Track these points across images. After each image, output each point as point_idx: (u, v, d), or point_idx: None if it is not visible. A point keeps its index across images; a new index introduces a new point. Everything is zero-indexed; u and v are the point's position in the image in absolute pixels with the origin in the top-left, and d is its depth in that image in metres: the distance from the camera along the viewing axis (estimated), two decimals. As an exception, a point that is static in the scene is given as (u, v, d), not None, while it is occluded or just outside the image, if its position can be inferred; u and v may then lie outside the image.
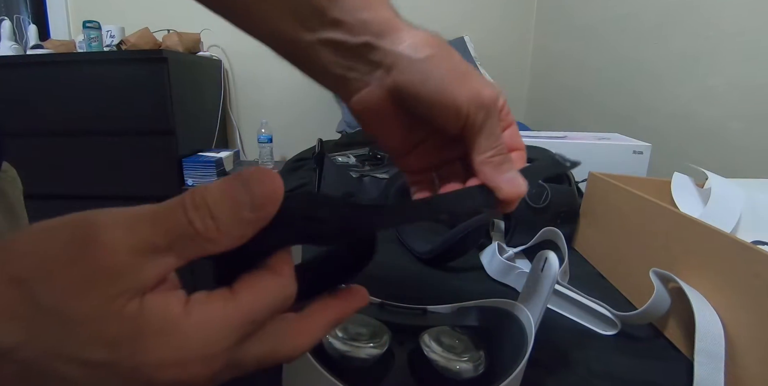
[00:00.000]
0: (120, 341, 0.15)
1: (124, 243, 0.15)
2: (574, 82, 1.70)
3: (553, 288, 0.31)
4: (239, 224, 0.17)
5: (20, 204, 0.50)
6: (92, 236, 0.15)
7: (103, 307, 0.15)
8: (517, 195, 0.26)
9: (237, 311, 0.17)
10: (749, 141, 0.92)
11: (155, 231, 0.16)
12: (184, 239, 0.16)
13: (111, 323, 0.15)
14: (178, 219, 0.16)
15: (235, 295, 0.17)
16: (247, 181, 0.17)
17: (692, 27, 1.08)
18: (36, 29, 1.87)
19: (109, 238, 0.15)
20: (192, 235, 0.16)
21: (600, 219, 0.57)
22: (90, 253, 0.15)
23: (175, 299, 0.16)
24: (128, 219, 0.16)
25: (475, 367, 0.30)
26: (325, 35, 0.26)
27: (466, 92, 0.25)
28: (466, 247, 0.55)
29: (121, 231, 0.15)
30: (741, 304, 0.34)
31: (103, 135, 1.70)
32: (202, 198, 0.16)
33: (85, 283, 0.15)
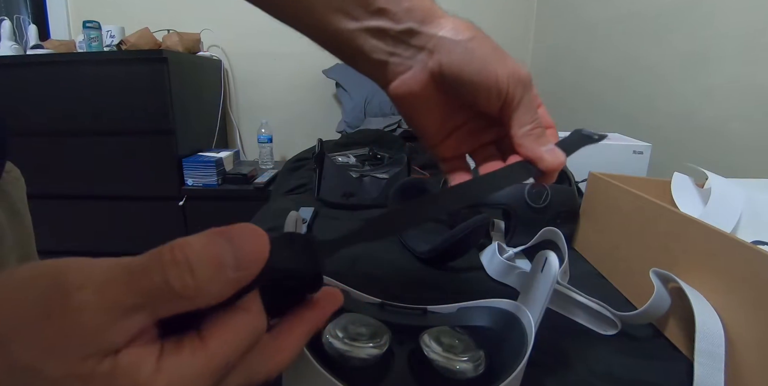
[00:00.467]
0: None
1: (94, 304, 0.15)
2: (574, 81, 1.70)
3: (553, 288, 0.31)
4: (220, 283, 0.16)
5: (24, 205, 0.50)
6: (63, 296, 0.15)
7: (76, 368, 0.15)
8: (559, 165, 0.28)
9: (208, 360, 0.16)
10: (749, 141, 0.92)
11: (128, 290, 0.15)
12: (159, 298, 0.16)
13: (84, 383, 0.15)
14: (153, 278, 0.15)
15: (204, 343, 0.17)
16: (233, 238, 0.16)
17: (693, 26, 1.08)
18: (36, 29, 1.87)
19: (80, 299, 0.15)
20: (168, 294, 0.15)
21: (600, 219, 0.57)
22: (60, 314, 0.15)
23: (147, 356, 0.16)
24: (101, 278, 0.15)
25: (475, 367, 0.30)
26: (370, 23, 0.27)
27: (506, 69, 0.27)
28: (466, 247, 0.55)
29: (92, 291, 0.15)
30: (741, 304, 0.34)
31: (103, 135, 1.70)
32: (183, 254, 0.16)
33: (56, 343, 0.15)
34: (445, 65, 0.27)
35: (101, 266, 0.16)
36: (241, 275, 0.16)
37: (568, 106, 1.75)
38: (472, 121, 0.31)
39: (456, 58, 0.27)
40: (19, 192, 0.50)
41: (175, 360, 0.16)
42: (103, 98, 1.65)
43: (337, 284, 0.36)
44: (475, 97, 0.28)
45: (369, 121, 1.75)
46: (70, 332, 0.15)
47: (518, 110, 0.28)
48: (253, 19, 2.14)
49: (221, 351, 0.17)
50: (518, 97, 0.27)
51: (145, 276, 0.15)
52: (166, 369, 0.16)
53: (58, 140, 1.71)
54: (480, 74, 0.27)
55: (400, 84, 0.29)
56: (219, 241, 0.16)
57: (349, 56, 0.30)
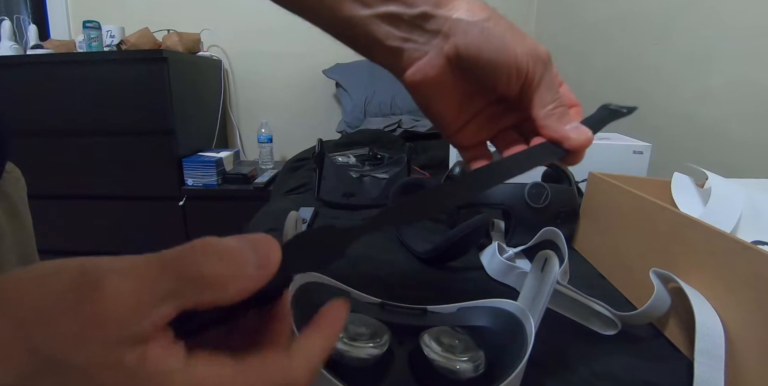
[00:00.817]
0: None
1: (126, 289, 0.15)
2: (574, 81, 1.70)
3: (553, 288, 0.31)
4: (244, 279, 0.17)
5: (24, 205, 0.50)
6: (93, 283, 0.15)
7: (104, 356, 0.15)
8: (586, 142, 0.27)
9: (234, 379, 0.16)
10: (749, 141, 0.92)
11: (162, 275, 0.16)
12: (190, 284, 0.16)
13: (109, 373, 0.15)
14: (188, 262, 0.16)
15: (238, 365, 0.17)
16: (253, 242, 0.18)
17: (693, 26, 1.08)
18: (36, 29, 1.87)
19: (111, 285, 0.15)
20: (199, 282, 0.16)
21: (600, 219, 0.57)
22: (90, 300, 0.15)
23: (176, 353, 0.16)
24: (132, 265, 0.16)
25: (475, 367, 0.30)
26: (382, 9, 0.27)
27: (525, 48, 0.26)
28: (466, 247, 0.55)
29: (123, 277, 0.15)
30: (741, 304, 0.34)
31: (103, 135, 1.70)
32: (213, 246, 0.17)
33: (84, 331, 0.15)
34: (461, 47, 0.26)
35: (134, 257, 0.16)
36: (261, 273, 0.17)
37: (568, 106, 1.75)
38: (492, 106, 0.30)
39: (473, 39, 0.26)
40: (19, 192, 0.50)
41: (204, 364, 0.16)
42: (103, 98, 1.65)
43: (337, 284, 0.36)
44: (495, 78, 0.27)
45: (369, 121, 1.75)
46: (99, 319, 0.15)
47: (539, 89, 0.27)
48: (253, 19, 2.15)
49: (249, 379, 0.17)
50: (539, 76, 0.27)
51: (180, 263, 0.16)
52: (195, 368, 0.16)
53: (58, 140, 1.71)
54: (499, 54, 0.26)
55: (416, 71, 0.28)
56: (243, 242, 0.17)
57: (363, 45, 0.29)
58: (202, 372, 0.16)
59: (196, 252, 0.16)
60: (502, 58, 0.26)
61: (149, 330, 0.15)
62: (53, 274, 0.16)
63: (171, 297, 0.16)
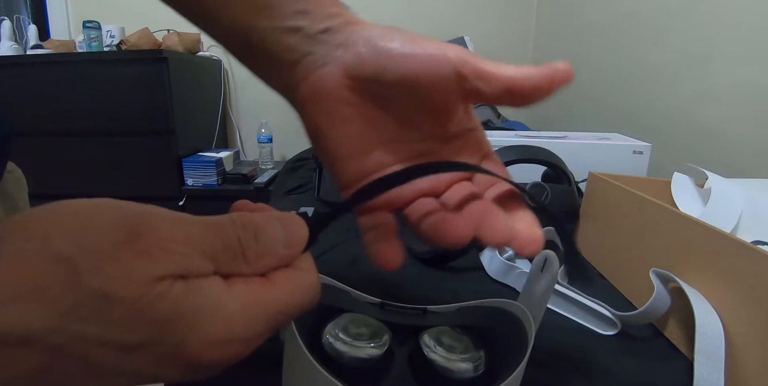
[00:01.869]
0: (165, 322, 0.15)
1: (179, 234, 0.16)
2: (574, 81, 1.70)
3: (553, 288, 0.31)
4: (271, 257, 0.18)
5: (25, 205, 0.50)
6: (143, 221, 0.16)
7: (150, 288, 0.15)
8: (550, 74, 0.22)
9: (275, 300, 0.18)
10: (749, 141, 0.92)
11: (207, 235, 0.17)
12: (226, 253, 0.17)
13: (156, 305, 0.15)
14: (227, 232, 0.17)
15: (273, 285, 0.18)
16: (283, 220, 0.19)
17: (692, 27, 1.08)
18: (36, 29, 1.88)
19: (164, 229, 0.16)
20: (235, 252, 0.17)
21: (600, 219, 0.57)
22: (141, 236, 0.15)
23: (217, 280, 0.17)
24: (179, 216, 0.17)
25: (475, 367, 0.30)
26: (288, 23, 0.24)
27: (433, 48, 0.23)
28: (466, 247, 0.55)
29: (176, 225, 0.16)
30: (741, 304, 0.34)
31: (103, 135, 1.70)
32: (251, 222, 0.18)
33: (136, 266, 0.15)
34: (363, 55, 0.23)
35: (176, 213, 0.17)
36: (288, 253, 0.19)
37: (569, 106, 1.75)
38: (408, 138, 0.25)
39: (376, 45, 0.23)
40: (20, 192, 0.50)
41: (245, 287, 0.17)
42: (103, 98, 1.65)
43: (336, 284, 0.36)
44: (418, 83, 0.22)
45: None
46: (151, 253, 0.15)
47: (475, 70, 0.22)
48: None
49: (287, 297, 0.18)
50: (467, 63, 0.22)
51: (222, 230, 0.17)
52: (238, 293, 0.17)
53: (58, 140, 1.71)
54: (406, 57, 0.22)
55: (309, 83, 0.24)
56: (275, 222, 0.19)
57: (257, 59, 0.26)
58: (243, 295, 0.17)
59: (236, 226, 0.17)
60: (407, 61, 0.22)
61: (195, 270, 0.16)
62: (99, 209, 0.16)
63: (211, 258, 0.17)
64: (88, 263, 0.14)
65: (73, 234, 0.14)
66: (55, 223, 0.15)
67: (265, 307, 0.17)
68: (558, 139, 0.83)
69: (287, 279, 0.19)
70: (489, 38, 2.12)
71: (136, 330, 0.15)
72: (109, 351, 0.14)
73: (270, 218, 0.19)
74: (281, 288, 0.18)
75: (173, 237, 0.16)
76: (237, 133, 2.23)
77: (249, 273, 0.18)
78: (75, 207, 0.15)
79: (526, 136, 0.90)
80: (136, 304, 0.14)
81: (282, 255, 0.18)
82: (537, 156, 0.62)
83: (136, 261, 0.15)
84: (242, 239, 0.17)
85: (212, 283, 0.16)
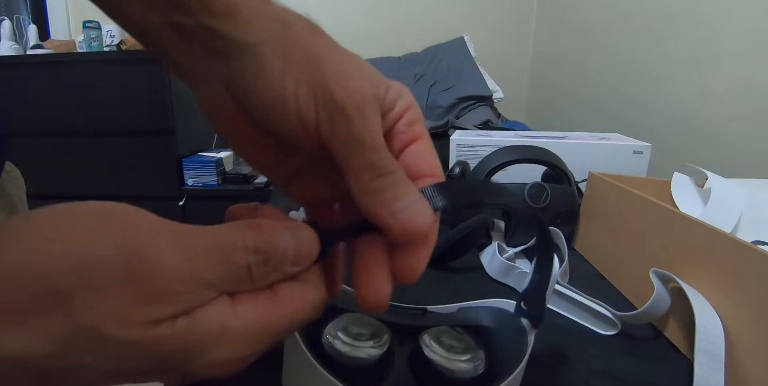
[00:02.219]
0: (167, 355, 0.15)
1: (184, 272, 0.15)
2: (574, 81, 1.70)
3: (553, 288, 0.31)
4: (277, 275, 0.17)
5: (23, 204, 0.50)
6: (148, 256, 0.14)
7: (148, 332, 0.14)
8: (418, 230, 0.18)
9: (280, 318, 0.17)
10: (749, 141, 0.92)
11: (217, 265, 0.16)
12: (233, 281, 0.16)
13: (156, 345, 0.14)
14: (238, 260, 0.16)
15: (278, 300, 0.17)
16: (296, 235, 0.18)
17: (692, 27, 1.08)
18: (36, 29, 1.88)
19: (168, 263, 0.14)
20: (244, 278, 0.16)
21: (600, 219, 0.57)
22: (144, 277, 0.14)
23: (221, 304, 0.16)
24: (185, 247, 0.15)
25: (475, 367, 0.30)
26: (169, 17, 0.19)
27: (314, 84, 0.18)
28: (466, 247, 0.55)
29: (181, 259, 0.15)
30: (741, 304, 0.34)
31: (103, 135, 1.70)
32: (263, 245, 0.17)
33: (131, 308, 0.14)
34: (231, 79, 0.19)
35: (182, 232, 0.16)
36: (294, 270, 0.18)
37: (569, 106, 1.75)
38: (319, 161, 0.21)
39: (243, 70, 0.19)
40: (18, 191, 0.50)
41: (250, 307, 0.17)
42: (103, 98, 1.65)
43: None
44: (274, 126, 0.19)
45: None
46: (148, 296, 0.14)
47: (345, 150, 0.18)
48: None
49: (291, 313, 0.17)
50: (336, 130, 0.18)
51: (233, 258, 0.16)
52: (242, 314, 0.16)
53: (58, 140, 1.71)
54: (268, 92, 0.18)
55: (203, 100, 0.21)
56: (286, 237, 0.17)
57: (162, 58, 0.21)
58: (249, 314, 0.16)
59: (248, 251, 0.16)
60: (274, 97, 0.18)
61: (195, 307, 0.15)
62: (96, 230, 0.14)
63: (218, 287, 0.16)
64: (85, 299, 0.13)
65: (72, 261, 0.13)
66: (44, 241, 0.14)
67: (269, 327, 0.17)
68: (558, 139, 0.83)
69: (293, 294, 0.18)
70: (489, 38, 2.12)
71: (136, 363, 0.14)
72: (108, 375, 0.15)
73: (281, 233, 0.17)
74: (287, 305, 0.17)
75: (178, 276, 0.15)
76: (237, 133, 2.22)
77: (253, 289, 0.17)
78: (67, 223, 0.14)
79: (526, 136, 0.90)
80: (134, 346, 0.14)
81: (287, 273, 0.18)
82: (537, 156, 0.62)
83: (135, 304, 0.14)
84: (252, 265, 0.16)
85: (216, 308, 0.16)
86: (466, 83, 1.82)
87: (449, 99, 1.79)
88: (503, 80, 1.90)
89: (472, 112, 1.76)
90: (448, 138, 0.92)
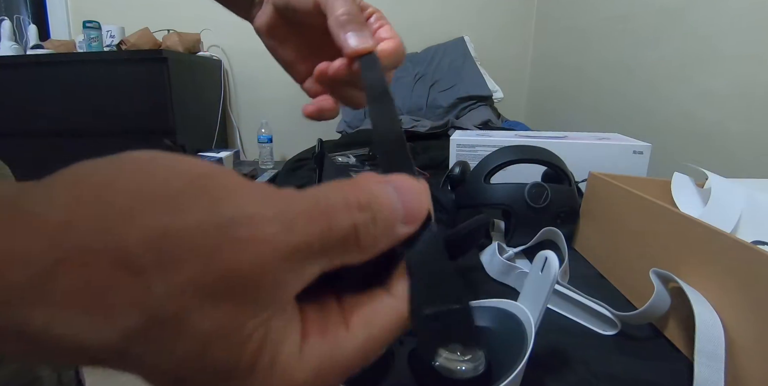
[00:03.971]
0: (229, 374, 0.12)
1: (281, 244, 0.12)
2: (574, 82, 1.70)
3: (553, 288, 0.31)
4: (388, 238, 0.15)
5: None
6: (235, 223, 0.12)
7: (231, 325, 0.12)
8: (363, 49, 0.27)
9: (354, 354, 0.14)
10: (749, 141, 0.92)
11: (322, 229, 0.13)
12: (340, 251, 0.14)
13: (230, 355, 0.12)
14: (342, 220, 0.13)
15: (351, 332, 0.14)
16: (400, 190, 0.15)
17: (692, 27, 1.08)
18: (36, 29, 1.88)
19: (264, 235, 0.12)
20: (348, 243, 0.14)
21: (600, 219, 0.57)
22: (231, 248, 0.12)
23: (293, 334, 0.13)
24: (283, 211, 0.13)
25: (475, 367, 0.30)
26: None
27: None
28: (466, 247, 0.55)
29: (278, 227, 0.12)
30: (741, 304, 0.34)
31: (103, 135, 1.70)
32: (367, 199, 0.14)
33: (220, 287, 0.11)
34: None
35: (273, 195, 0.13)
36: (406, 231, 0.15)
37: (569, 106, 1.75)
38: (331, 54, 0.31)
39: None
40: None
41: (318, 344, 0.14)
42: (103, 98, 1.65)
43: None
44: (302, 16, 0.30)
45: (369, 121, 1.75)
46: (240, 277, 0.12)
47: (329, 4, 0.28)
48: (253, 19, 2.14)
49: (366, 345, 0.15)
50: None
51: (335, 218, 0.13)
52: (309, 356, 0.13)
53: (58, 140, 1.71)
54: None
55: (257, 19, 0.33)
56: (391, 192, 0.15)
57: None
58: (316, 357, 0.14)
59: (351, 208, 0.14)
60: None
61: (287, 300, 0.13)
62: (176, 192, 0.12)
63: (323, 257, 0.13)
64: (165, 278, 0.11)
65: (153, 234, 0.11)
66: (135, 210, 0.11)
67: (338, 369, 0.14)
68: (558, 139, 0.83)
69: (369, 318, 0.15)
70: (489, 38, 2.12)
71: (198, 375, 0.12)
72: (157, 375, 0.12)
73: (383, 186, 0.15)
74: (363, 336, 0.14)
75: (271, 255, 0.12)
76: (237, 133, 2.23)
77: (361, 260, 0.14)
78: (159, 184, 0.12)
79: (526, 136, 0.90)
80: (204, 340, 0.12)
81: (398, 235, 0.15)
82: (537, 156, 0.62)
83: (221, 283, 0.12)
84: (360, 225, 0.13)
85: (288, 340, 0.13)
86: (466, 83, 1.82)
87: (449, 99, 1.79)
88: (503, 80, 1.90)
89: (472, 112, 1.76)
90: (448, 138, 0.92)
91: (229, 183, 0.13)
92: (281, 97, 2.16)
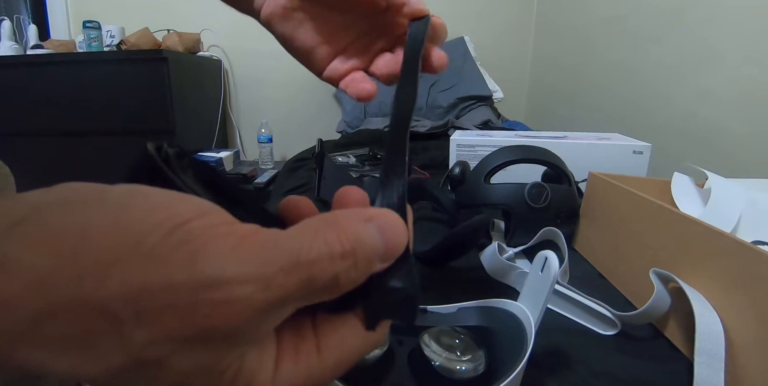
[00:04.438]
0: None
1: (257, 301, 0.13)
2: (574, 82, 1.70)
3: (553, 288, 0.31)
4: (365, 275, 0.15)
5: None
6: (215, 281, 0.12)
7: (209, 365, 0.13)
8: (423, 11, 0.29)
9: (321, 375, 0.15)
10: (749, 141, 0.92)
11: (296, 282, 0.13)
12: (319, 291, 0.14)
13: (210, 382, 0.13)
14: (324, 272, 0.14)
15: (322, 356, 0.15)
16: (382, 228, 0.15)
17: (692, 27, 1.08)
18: (36, 29, 1.87)
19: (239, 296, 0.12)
20: (330, 288, 0.14)
21: (600, 219, 0.57)
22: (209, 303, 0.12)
23: (268, 361, 0.14)
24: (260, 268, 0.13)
25: (475, 367, 0.30)
26: None
27: None
28: (466, 247, 0.55)
29: (255, 287, 0.13)
30: (741, 304, 0.34)
31: (103, 135, 1.70)
32: (354, 243, 0.14)
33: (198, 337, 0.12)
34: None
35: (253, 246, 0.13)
36: (383, 267, 0.15)
37: (569, 106, 1.75)
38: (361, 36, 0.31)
39: None
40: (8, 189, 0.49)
41: (291, 369, 0.15)
42: (103, 98, 1.65)
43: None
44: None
45: (369, 121, 1.75)
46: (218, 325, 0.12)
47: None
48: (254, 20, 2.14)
49: (335, 368, 0.15)
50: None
51: (315, 267, 0.13)
52: (281, 382, 0.14)
53: (58, 140, 1.71)
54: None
55: (266, 6, 0.29)
56: (374, 233, 0.15)
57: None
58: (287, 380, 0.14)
59: (334, 259, 0.14)
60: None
61: (260, 339, 0.14)
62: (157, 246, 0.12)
63: (296, 301, 0.14)
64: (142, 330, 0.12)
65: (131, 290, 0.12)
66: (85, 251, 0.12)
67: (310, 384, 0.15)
68: (558, 139, 0.83)
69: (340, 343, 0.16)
70: (489, 38, 2.12)
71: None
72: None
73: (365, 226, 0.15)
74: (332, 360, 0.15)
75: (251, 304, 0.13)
76: (237, 133, 2.23)
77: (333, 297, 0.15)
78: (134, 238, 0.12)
79: (526, 136, 0.90)
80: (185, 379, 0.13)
81: (374, 271, 0.15)
82: (537, 156, 0.62)
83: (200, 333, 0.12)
84: (341, 274, 0.14)
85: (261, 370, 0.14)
86: (466, 83, 1.82)
87: (449, 99, 1.79)
88: (503, 80, 1.90)
89: (472, 112, 1.76)
90: (448, 138, 0.92)
91: (205, 234, 0.13)
92: (281, 97, 2.16)
